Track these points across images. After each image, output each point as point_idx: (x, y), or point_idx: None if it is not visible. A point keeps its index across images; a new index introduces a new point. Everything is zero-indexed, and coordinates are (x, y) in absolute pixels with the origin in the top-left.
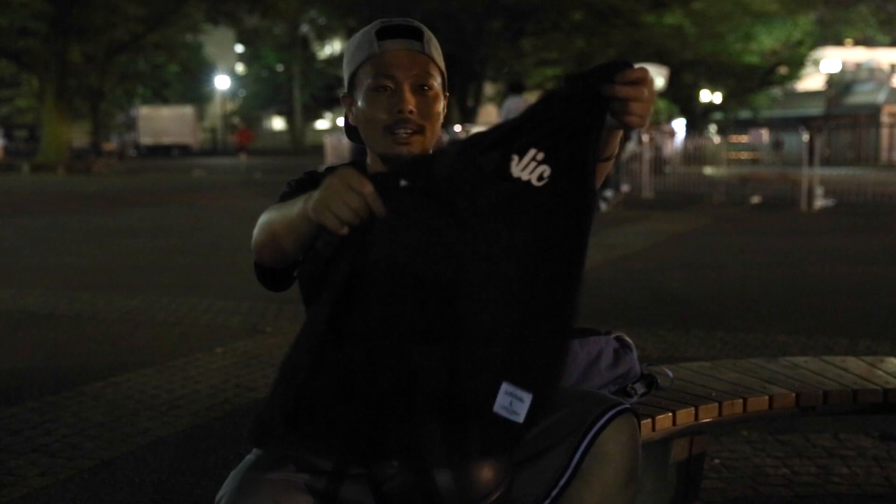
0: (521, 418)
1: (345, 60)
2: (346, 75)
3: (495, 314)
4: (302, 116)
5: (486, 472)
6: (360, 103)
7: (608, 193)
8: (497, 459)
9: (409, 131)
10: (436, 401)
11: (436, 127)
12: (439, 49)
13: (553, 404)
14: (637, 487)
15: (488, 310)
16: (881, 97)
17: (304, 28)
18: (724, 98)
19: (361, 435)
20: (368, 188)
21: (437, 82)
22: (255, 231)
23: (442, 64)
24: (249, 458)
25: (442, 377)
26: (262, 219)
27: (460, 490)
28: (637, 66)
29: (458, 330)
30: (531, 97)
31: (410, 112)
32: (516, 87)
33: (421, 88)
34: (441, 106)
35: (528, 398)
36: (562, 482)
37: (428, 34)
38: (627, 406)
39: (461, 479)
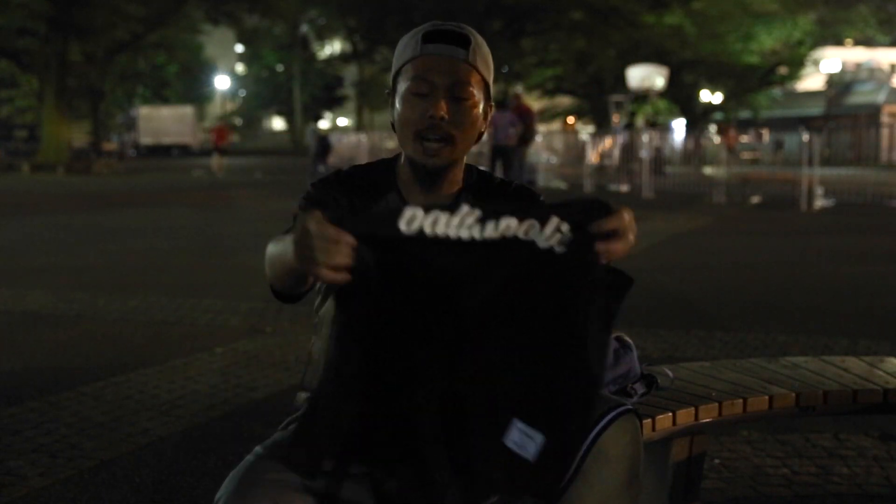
0: (530, 456)
1: (393, 60)
2: (391, 75)
3: (506, 359)
4: (302, 116)
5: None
6: (397, 105)
7: None
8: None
9: (437, 138)
10: (440, 425)
11: (468, 137)
12: (488, 60)
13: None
14: (639, 488)
15: (497, 353)
16: (881, 97)
17: (304, 28)
18: (724, 98)
19: (364, 438)
20: (348, 239)
21: (475, 92)
22: (266, 262)
23: (488, 74)
24: (249, 458)
25: (443, 380)
26: (269, 250)
27: (462, 490)
28: (615, 212)
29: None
30: (531, 101)
31: (441, 119)
32: (500, 105)
33: (458, 97)
34: (477, 117)
35: (539, 438)
36: (566, 479)
37: (476, 43)
38: (630, 407)
39: (462, 479)
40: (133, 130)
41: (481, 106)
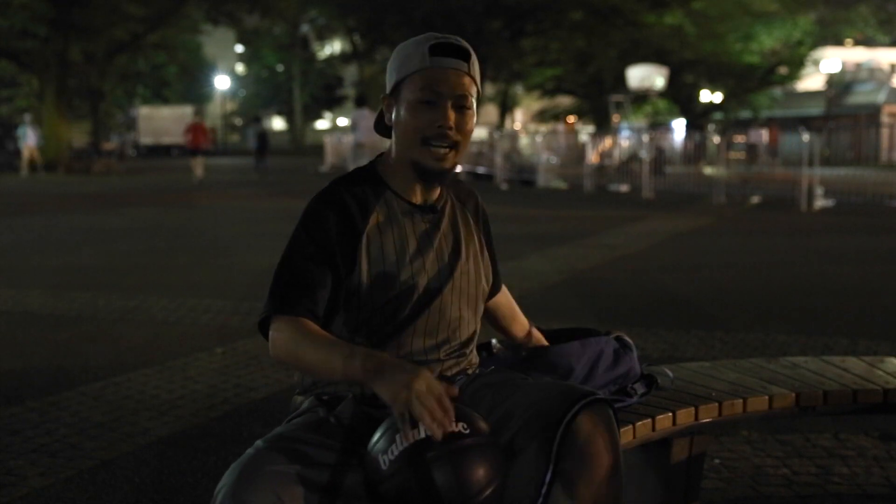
0: None
1: (392, 65)
2: (391, 79)
3: None
4: (302, 116)
5: (480, 468)
6: (402, 111)
7: None
8: (491, 455)
9: (445, 145)
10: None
11: (467, 143)
12: (479, 69)
13: (524, 400)
14: (622, 477)
15: None
16: (881, 97)
17: (304, 28)
18: (724, 98)
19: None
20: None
21: (474, 101)
22: (276, 344)
23: (479, 83)
24: (250, 451)
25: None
26: (285, 339)
27: (457, 486)
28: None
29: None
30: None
31: (450, 128)
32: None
33: (461, 106)
34: (474, 122)
35: None
36: (547, 479)
37: (474, 57)
38: (597, 396)
39: (457, 474)
40: (133, 130)
41: (475, 112)
